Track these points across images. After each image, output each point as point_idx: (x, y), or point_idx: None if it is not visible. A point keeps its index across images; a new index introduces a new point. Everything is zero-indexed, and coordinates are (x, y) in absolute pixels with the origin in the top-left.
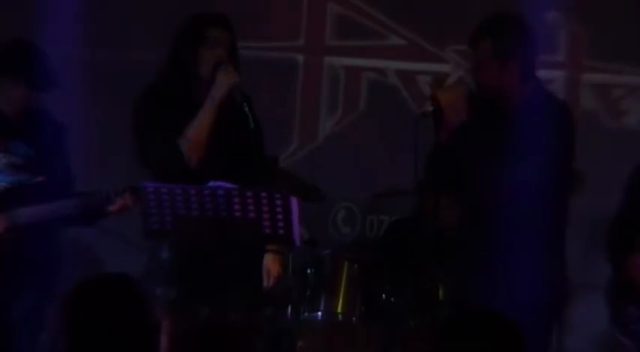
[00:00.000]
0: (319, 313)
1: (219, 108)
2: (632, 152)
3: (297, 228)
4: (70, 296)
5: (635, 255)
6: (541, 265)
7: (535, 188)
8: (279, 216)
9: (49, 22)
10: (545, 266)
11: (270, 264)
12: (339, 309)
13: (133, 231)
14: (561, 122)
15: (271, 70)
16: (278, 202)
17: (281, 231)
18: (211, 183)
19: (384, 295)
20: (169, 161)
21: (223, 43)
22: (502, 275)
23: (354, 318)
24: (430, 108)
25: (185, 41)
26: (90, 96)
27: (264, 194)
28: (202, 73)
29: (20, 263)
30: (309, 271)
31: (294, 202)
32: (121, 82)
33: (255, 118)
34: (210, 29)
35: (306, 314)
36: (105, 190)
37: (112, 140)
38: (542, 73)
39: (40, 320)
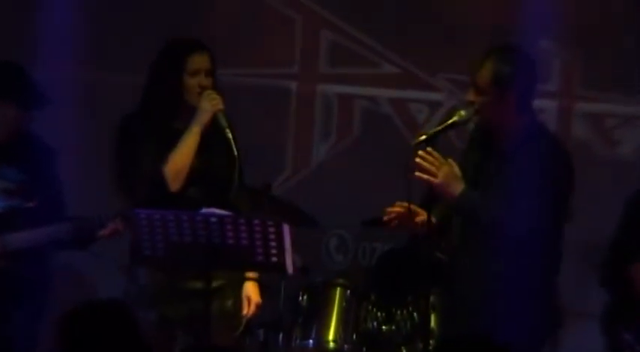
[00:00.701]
0: (311, 341)
1: (202, 134)
2: (625, 181)
3: (289, 256)
4: (65, 320)
5: (636, 264)
6: (534, 295)
7: (529, 222)
8: (272, 244)
9: (47, 43)
10: (538, 296)
11: (250, 291)
12: (331, 337)
13: (126, 256)
14: (555, 156)
15: (265, 97)
16: (271, 229)
17: (274, 259)
18: (204, 210)
19: (376, 323)
20: (152, 186)
21: (206, 70)
22: (494, 306)
23: (345, 346)
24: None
25: (168, 68)
26: (87, 117)
27: (256, 221)
28: (186, 99)
29: (13, 283)
30: (301, 298)
31: (286, 229)
32: (117, 104)
33: (236, 145)
34: (193, 56)
35: (298, 341)
36: (97, 215)
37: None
38: (534, 102)
39: (34, 338)
